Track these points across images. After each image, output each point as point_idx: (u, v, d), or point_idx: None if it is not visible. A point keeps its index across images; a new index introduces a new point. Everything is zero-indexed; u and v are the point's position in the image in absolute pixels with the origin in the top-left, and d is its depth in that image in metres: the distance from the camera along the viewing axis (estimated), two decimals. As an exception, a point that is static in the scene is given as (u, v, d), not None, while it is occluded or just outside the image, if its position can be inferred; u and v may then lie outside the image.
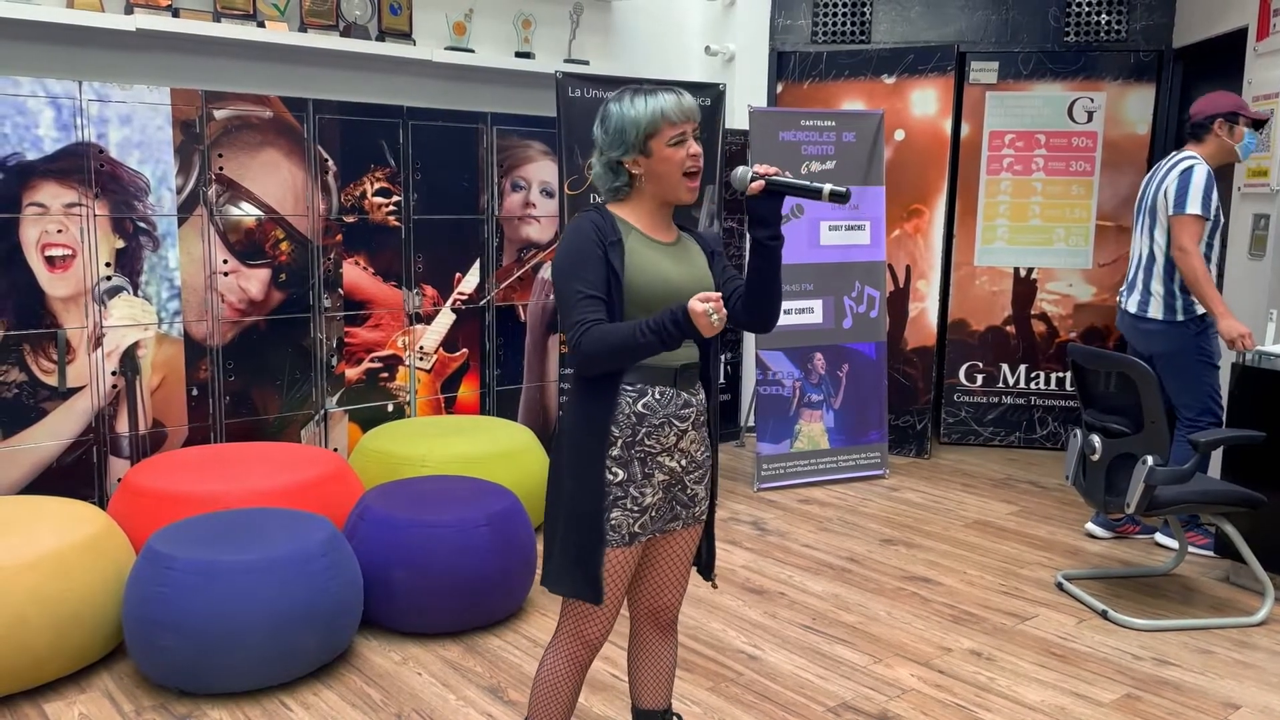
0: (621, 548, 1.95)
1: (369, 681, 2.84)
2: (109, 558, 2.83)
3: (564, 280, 1.89)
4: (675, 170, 1.93)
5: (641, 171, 1.95)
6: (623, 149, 1.93)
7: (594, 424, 1.92)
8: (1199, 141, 3.83)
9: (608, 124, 1.95)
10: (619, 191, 1.99)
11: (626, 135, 1.92)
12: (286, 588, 2.70)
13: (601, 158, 1.98)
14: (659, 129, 1.91)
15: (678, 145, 1.92)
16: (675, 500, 2.03)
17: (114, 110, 3.52)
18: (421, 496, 3.23)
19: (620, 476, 1.93)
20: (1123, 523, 4.15)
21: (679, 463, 2.00)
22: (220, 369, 3.84)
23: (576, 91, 4.17)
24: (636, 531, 1.96)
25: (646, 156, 1.93)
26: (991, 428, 5.63)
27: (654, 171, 1.94)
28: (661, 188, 1.96)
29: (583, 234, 1.90)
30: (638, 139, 1.91)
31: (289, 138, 3.92)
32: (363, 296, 4.18)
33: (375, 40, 4.45)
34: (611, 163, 1.96)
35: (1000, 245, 5.52)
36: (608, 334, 1.83)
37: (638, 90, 1.95)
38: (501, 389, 4.64)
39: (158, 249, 3.67)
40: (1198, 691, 2.87)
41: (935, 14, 5.50)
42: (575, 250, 1.89)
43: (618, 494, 1.93)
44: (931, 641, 3.16)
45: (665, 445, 1.96)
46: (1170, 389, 3.86)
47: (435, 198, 4.33)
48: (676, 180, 1.94)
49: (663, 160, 1.93)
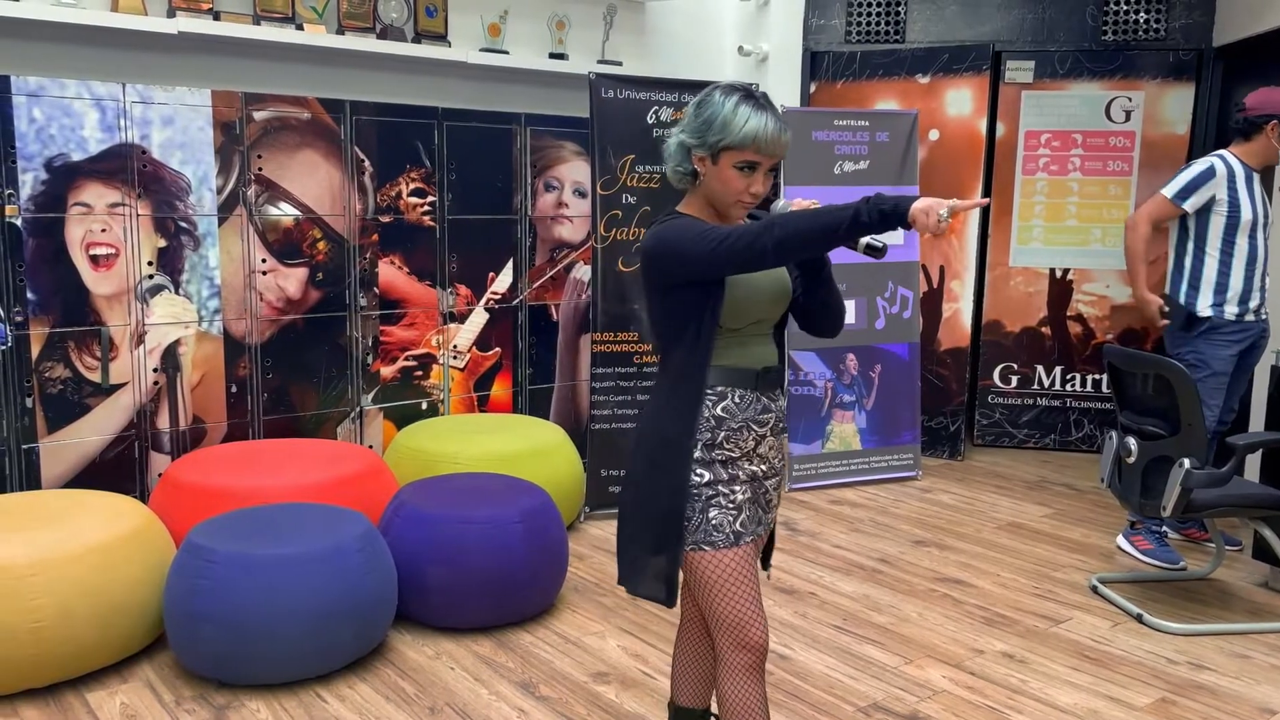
0: (729, 548, 1.90)
1: (403, 675, 2.87)
2: (151, 550, 2.89)
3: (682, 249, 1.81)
4: (731, 191, 1.88)
5: (704, 172, 1.91)
6: (698, 141, 1.88)
7: (674, 427, 1.89)
8: (1246, 139, 3.76)
9: (702, 111, 1.88)
10: (683, 178, 1.95)
11: (708, 133, 1.86)
12: (323, 581, 2.74)
13: (679, 135, 1.93)
14: (736, 148, 1.84)
15: (743, 173, 1.86)
16: (757, 504, 1.99)
17: (156, 112, 3.59)
18: (455, 493, 3.27)
19: (707, 477, 1.89)
20: (1189, 525, 4.10)
21: (759, 468, 1.97)
22: (259, 366, 3.90)
23: (609, 92, 4.19)
24: (739, 530, 1.91)
25: (713, 163, 1.88)
26: (1026, 430, 5.59)
27: (711, 179, 1.90)
28: (713, 196, 1.92)
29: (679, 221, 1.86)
30: (715, 143, 1.85)
31: (327, 139, 3.97)
32: (398, 295, 4.23)
33: (411, 42, 4.49)
34: (684, 146, 1.92)
35: (1037, 246, 5.48)
36: (780, 221, 1.73)
37: (748, 97, 1.86)
38: (534, 388, 4.67)
39: (198, 248, 3.73)
40: (1234, 696, 2.83)
41: (970, 13, 5.46)
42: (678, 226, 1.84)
43: (709, 494, 1.89)
44: (963, 643, 3.14)
45: (744, 450, 1.93)
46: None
47: (469, 198, 4.37)
48: (729, 201, 1.90)
49: (722, 178, 1.88)
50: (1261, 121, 3.70)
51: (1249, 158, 3.76)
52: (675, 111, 4.27)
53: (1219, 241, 3.74)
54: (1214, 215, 3.74)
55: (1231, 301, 3.75)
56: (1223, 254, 3.75)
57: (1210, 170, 3.72)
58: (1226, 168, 3.73)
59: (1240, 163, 3.75)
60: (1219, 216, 3.73)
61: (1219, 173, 3.71)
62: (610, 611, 3.34)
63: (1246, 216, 3.71)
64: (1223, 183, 3.71)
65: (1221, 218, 3.73)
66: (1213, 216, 3.74)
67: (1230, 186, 3.71)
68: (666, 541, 1.90)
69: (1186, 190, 3.73)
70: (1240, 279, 3.74)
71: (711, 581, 1.91)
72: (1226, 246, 3.74)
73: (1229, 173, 3.72)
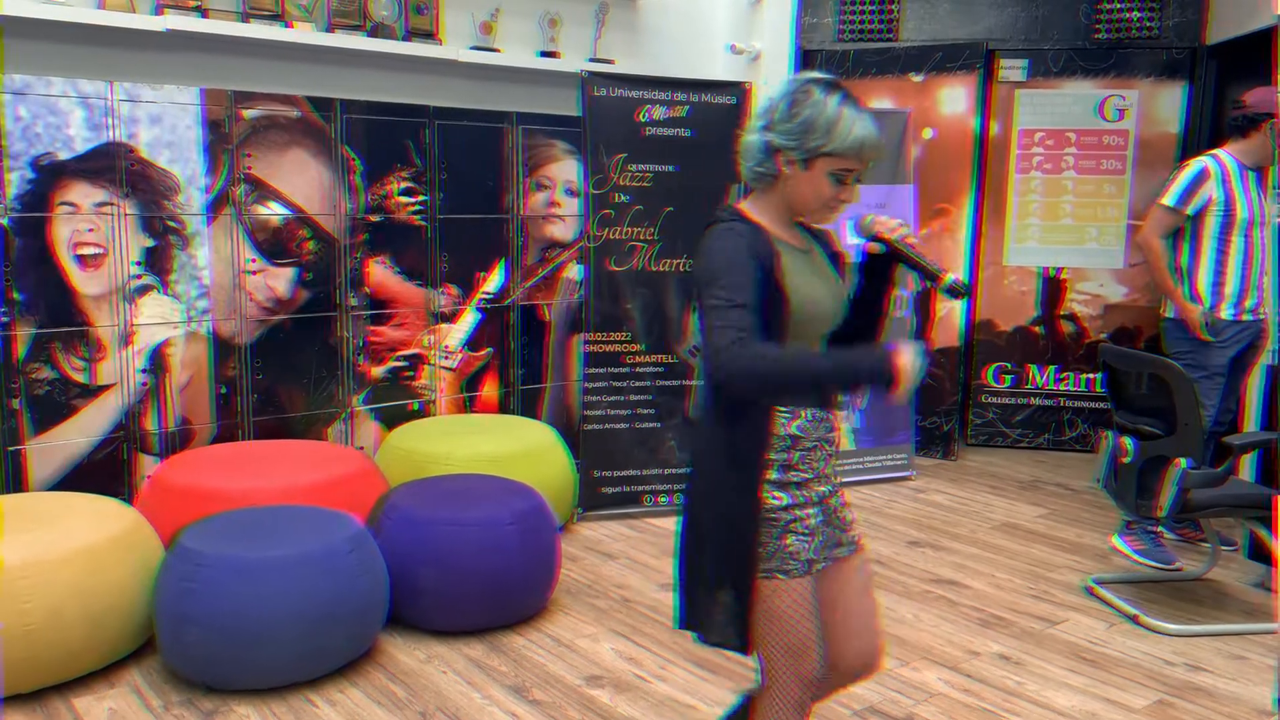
0: (800, 577, 1.77)
1: (393, 679, 2.84)
2: (139, 553, 2.85)
3: (708, 286, 1.68)
4: (818, 200, 1.76)
5: (789, 175, 1.75)
6: (794, 145, 1.72)
7: (745, 447, 1.75)
8: (1242, 136, 3.75)
9: (798, 110, 1.71)
10: (762, 178, 1.79)
11: (808, 137, 1.70)
12: (313, 585, 2.71)
13: (764, 134, 1.75)
14: (838, 155, 1.71)
15: (838, 180, 1.74)
16: (831, 525, 1.86)
17: (144, 110, 3.55)
18: (447, 495, 3.24)
19: (784, 501, 1.76)
20: (1184, 525, 4.09)
21: (825, 488, 1.84)
22: (248, 367, 3.87)
23: (602, 90, 4.17)
24: (813, 558, 1.78)
25: (804, 169, 1.74)
26: (1019, 429, 5.58)
27: (798, 184, 1.75)
28: (795, 202, 1.78)
29: (732, 242, 1.70)
30: (815, 148, 1.71)
31: (316, 137, 3.94)
32: (387, 295, 4.19)
33: (401, 40, 4.46)
34: (770, 146, 1.75)
35: (1033, 245, 5.46)
36: (763, 358, 1.62)
37: (849, 97, 1.72)
38: (525, 388, 4.64)
39: (186, 248, 3.69)
40: (1231, 698, 2.82)
41: (964, 11, 5.45)
42: (723, 255, 1.69)
43: (786, 519, 1.75)
44: (959, 645, 3.13)
45: (816, 470, 1.81)
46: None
47: (460, 197, 4.34)
48: (814, 207, 1.77)
49: (814, 183, 1.74)
50: (1259, 119, 3.69)
51: (1244, 155, 3.74)
52: (668, 110, 4.24)
53: (1214, 241, 3.73)
54: (1209, 215, 3.72)
55: (1228, 302, 3.74)
56: (1218, 254, 3.73)
57: (1203, 171, 3.71)
58: (1219, 167, 3.72)
59: (1234, 161, 3.74)
60: (1213, 216, 3.72)
61: (1212, 173, 3.70)
62: (603, 614, 3.31)
63: (1242, 215, 3.69)
64: (1216, 183, 3.70)
65: (1216, 218, 3.71)
66: (1207, 217, 3.73)
67: (1224, 186, 3.69)
68: (738, 575, 1.75)
69: (1184, 195, 3.71)
70: (1236, 279, 3.73)
71: (778, 611, 1.77)
72: (1221, 246, 3.73)
73: (1221, 172, 3.71)
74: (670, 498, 4.35)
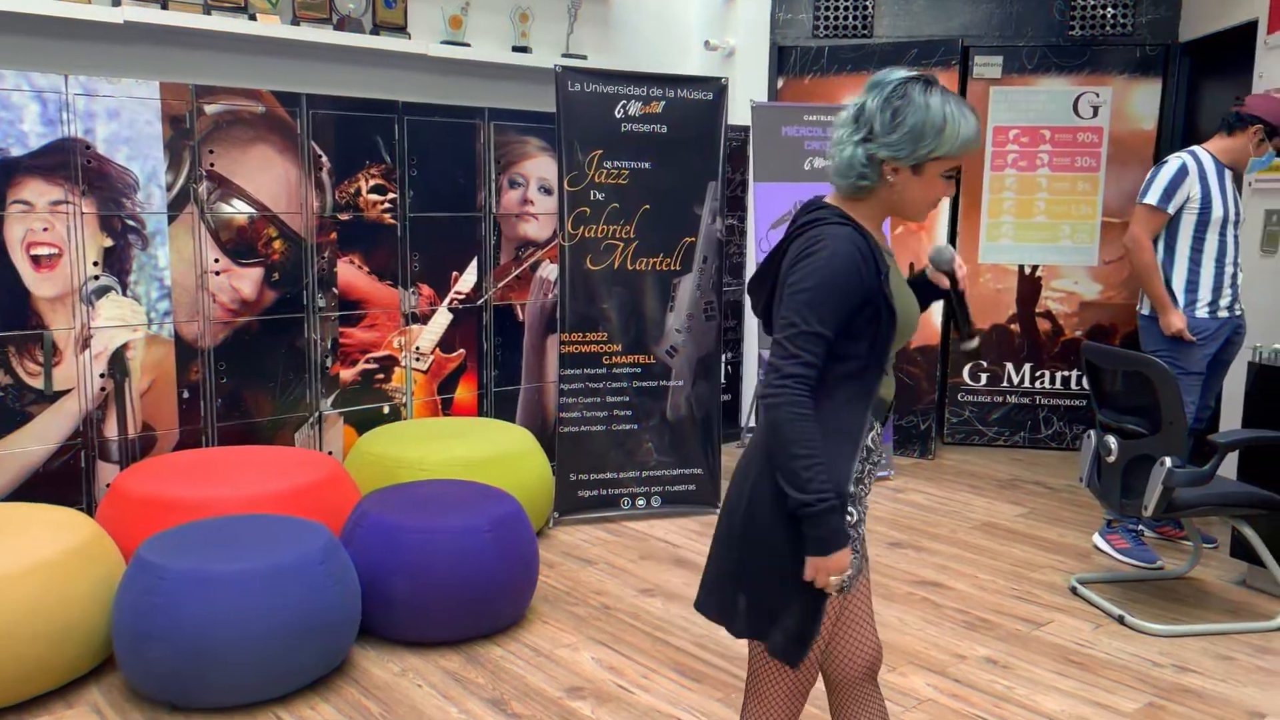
0: (844, 594, 1.77)
1: (367, 694, 2.74)
2: (98, 566, 2.73)
3: (801, 293, 1.61)
4: (929, 200, 1.70)
5: (894, 182, 1.67)
6: (906, 154, 1.64)
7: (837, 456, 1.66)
8: (1228, 133, 3.73)
9: (903, 117, 1.63)
10: (859, 190, 1.70)
11: (919, 144, 1.63)
12: (282, 597, 2.60)
13: (864, 146, 1.66)
14: (948, 156, 1.65)
15: (948, 178, 1.69)
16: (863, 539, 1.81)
17: (101, 105, 3.42)
18: (421, 501, 3.14)
19: (854, 518, 1.70)
20: (1163, 523, 4.07)
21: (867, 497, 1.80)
22: (212, 370, 3.74)
23: (576, 86, 4.08)
24: (853, 574, 1.74)
25: (915, 174, 1.66)
26: (996, 428, 5.56)
27: (909, 190, 1.68)
28: (899, 205, 1.71)
29: (850, 260, 1.61)
30: (926, 154, 1.64)
31: (281, 133, 3.82)
32: (358, 296, 4.08)
33: (370, 34, 4.35)
34: (874, 158, 1.66)
35: (1007, 242, 5.44)
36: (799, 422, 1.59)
37: (948, 95, 1.65)
38: (499, 390, 4.55)
39: (147, 247, 3.56)
40: (1221, 700, 2.79)
41: (938, 7, 5.42)
42: (829, 270, 1.60)
43: (851, 535, 1.69)
44: (945, 649, 3.07)
45: (869, 483, 1.77)
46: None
47: (431, 195, 4.23)
48: (926, 208, 1.71)
49: (926, 187, 1.68)
50: (1249, 121, 3.67)
51: (1224, 154, 3.73)
52: (644, 106, 4.16)
53: (1189, 239, 3.71)
54: (1185, 213, 3.70)
55: (1203, 300, 3.72)
56: (1193, 252, 3.71)
57: (1183, 169, 3.69)
58: (1197, 164, 3.70)
59: (1212, 158, 3.73)
60: (1190, 214, 3.70)
61: (1191, 171, 3.68)
62: (583, 622, 3.22)
63: (1218, 214, 3.67)
64: (1195, 180, 3.68)
65: (1193, 215, 3.69)
66: (1184, 215, 3.71)
67: (1202, 183, 3.68)
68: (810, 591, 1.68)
69: (1167, 193, 3.68)
70: (1210, 277, 3.71)
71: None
72: (1196, 244, 3.71)
73: (1200, 169, 3.69)
74: (648, 500, 4.27)
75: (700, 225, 4.28)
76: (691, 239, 4.27)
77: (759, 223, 4.69)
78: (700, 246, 4.28)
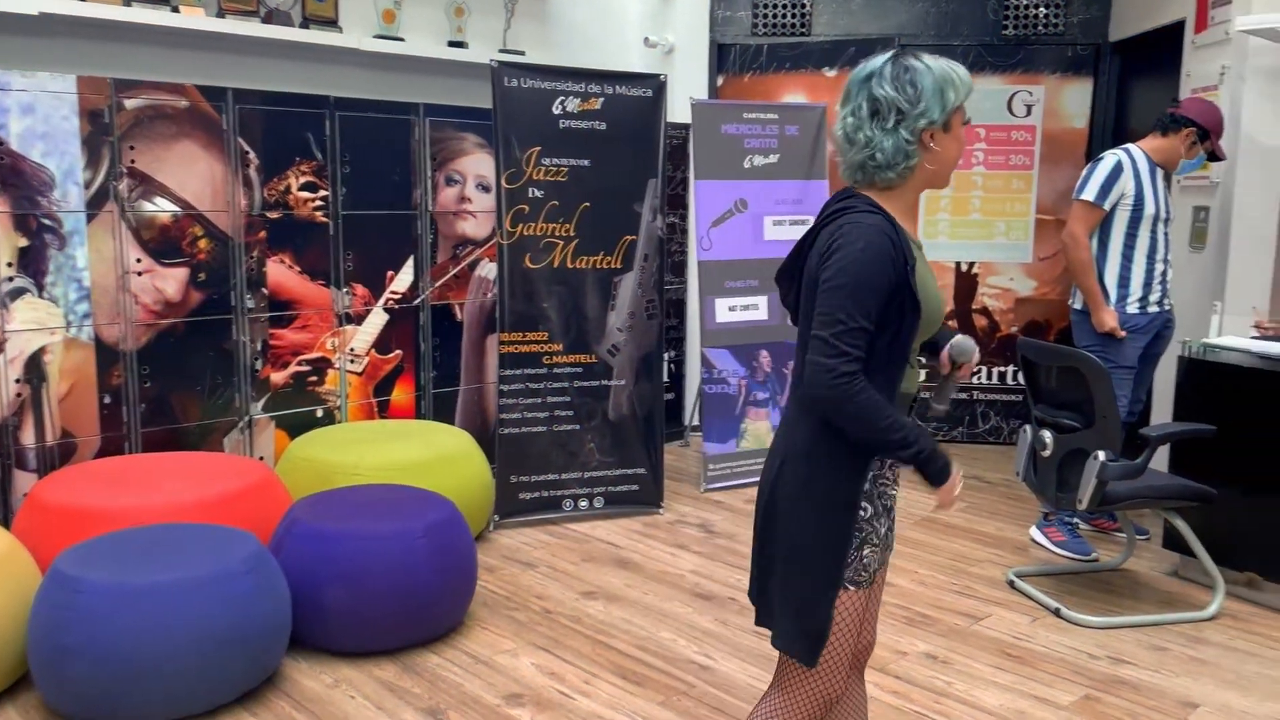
0: (865, 589, 1.75)
1: (298, 707, 2.66)
2: (13, 580, 2.61)
3: (838, 289, 1.62)
4: (958, 152, 1.73)
5: (933, 149, 1.70)
6: (938, 116, 1.66)
7: (851, 455, 1.70)
8: (1163, 134, 3.79)
9: (920, 85, 1.66)
10: (904, 174, 1.71)
11: (944, 98, 1.66)
12: (208, 609, 2.51)
13: (899, 129, 1.67)
14: (961, 103, 1.69)
15: (967, 124, 1.75)
16: (890, 531, 1.83)
17: (14, 99, 3.28)
18: (354, 507, 3.06)
19: (869, 512, 1.73)
20: (1098, 516, 4.12)
21: (895, 493, 1.82)
22: (135, 375, 3.61)
23: (513, 82, 4.01)
24: (876, 569, 1.77)
25: (946, 132, 1.70)
26: (933, 423, 5.60)
27: (947, 148, 1.71)
28: (940, 171, 1.73)
29: (882, 252, 1.62)
30: (950, 105, 1.67)
31: (207, 129, 3.70)
32: (289, 296, 3.97)
33: (299, 27, 4.24)
34: (915, 133, 1.67)
35: (943, 240, 5.49)
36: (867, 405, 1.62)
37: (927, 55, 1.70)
38: (438, 391, 4.46)
39: (64, 247, 3.43)
40: (1155, 691, 2.82)
41: (875, 6, 5.45)
42: (863, 263, 1.61)
43: (867, 530, 1.73)
44: (886, 645, 3.08)
45: (894, 477, 1.79)
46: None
47: (365, 192, 4.14)
48: (953, 165, 1.74)
49: (955, 139, 1.71)
50: (1183, 123, 3.73)
51: (1157, 153, 3.79)
52: (582, 102, 4.11)
53: (1122, 236, 3.77)
54: (1119, 210, 3.76)
55: (1134, 295, 3.78)
56: (1125, 248, 3.77)
57: (1119, 166, 3.74)
58: (1131, 161, 3.75)
59: (1145, 156, 3.79)
60: (1124, 211, 3.75)
61: (1126, 167, 3.74)
62: (523, 627, 3.17)
63: (1150, 210, 3.73)
64: (1130, 177, 3.73)
65: (1127, 211, 3.75)
66: (1118, 211, 3.76)
67: (1136, 180, 3.73)
68: (828, 586, 1.72)
69: (1104, 190, 3.73)
70: (1142, 272, 3.77)
71: (839, 624, 1.75)
72: (1129, 240, 3.76)
73: (1134, 167, 3.75)
74: (590, 501, 4.23)
75: (641, 223, 4.24)
76: (632, 237, 4.23)
77: (700, 220, 4.67)
78: (641, 245, 4.25)
